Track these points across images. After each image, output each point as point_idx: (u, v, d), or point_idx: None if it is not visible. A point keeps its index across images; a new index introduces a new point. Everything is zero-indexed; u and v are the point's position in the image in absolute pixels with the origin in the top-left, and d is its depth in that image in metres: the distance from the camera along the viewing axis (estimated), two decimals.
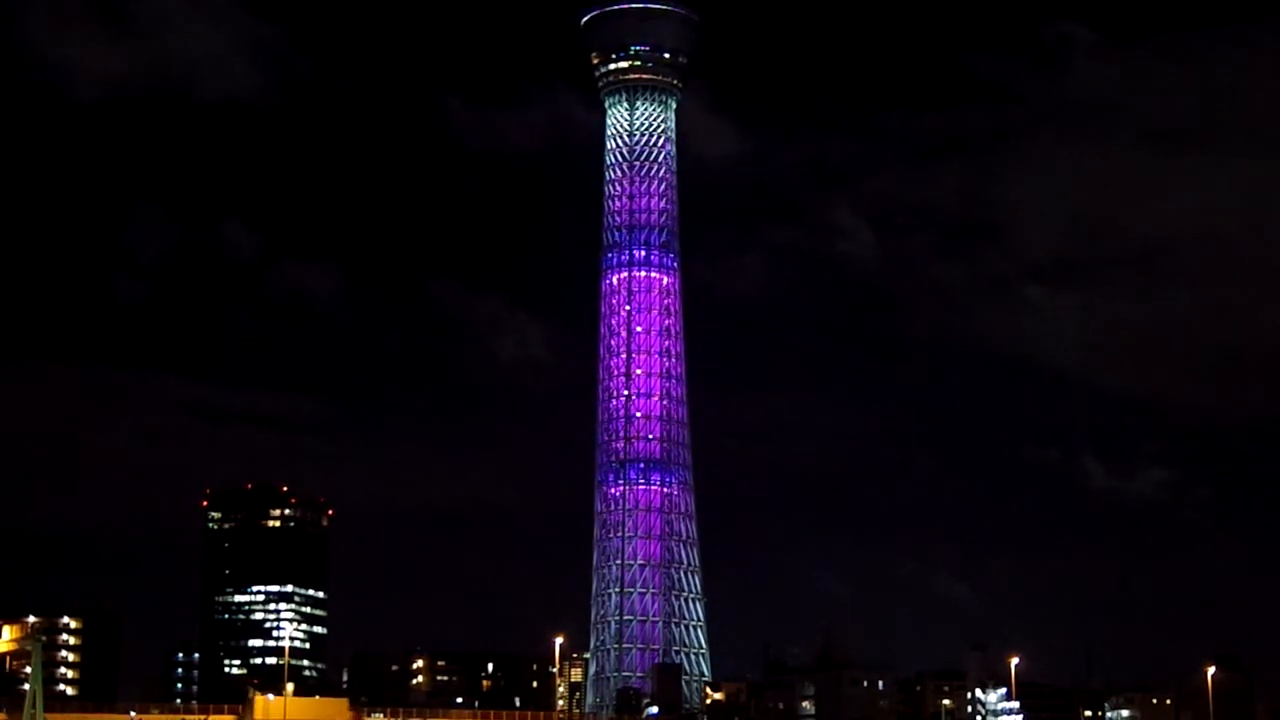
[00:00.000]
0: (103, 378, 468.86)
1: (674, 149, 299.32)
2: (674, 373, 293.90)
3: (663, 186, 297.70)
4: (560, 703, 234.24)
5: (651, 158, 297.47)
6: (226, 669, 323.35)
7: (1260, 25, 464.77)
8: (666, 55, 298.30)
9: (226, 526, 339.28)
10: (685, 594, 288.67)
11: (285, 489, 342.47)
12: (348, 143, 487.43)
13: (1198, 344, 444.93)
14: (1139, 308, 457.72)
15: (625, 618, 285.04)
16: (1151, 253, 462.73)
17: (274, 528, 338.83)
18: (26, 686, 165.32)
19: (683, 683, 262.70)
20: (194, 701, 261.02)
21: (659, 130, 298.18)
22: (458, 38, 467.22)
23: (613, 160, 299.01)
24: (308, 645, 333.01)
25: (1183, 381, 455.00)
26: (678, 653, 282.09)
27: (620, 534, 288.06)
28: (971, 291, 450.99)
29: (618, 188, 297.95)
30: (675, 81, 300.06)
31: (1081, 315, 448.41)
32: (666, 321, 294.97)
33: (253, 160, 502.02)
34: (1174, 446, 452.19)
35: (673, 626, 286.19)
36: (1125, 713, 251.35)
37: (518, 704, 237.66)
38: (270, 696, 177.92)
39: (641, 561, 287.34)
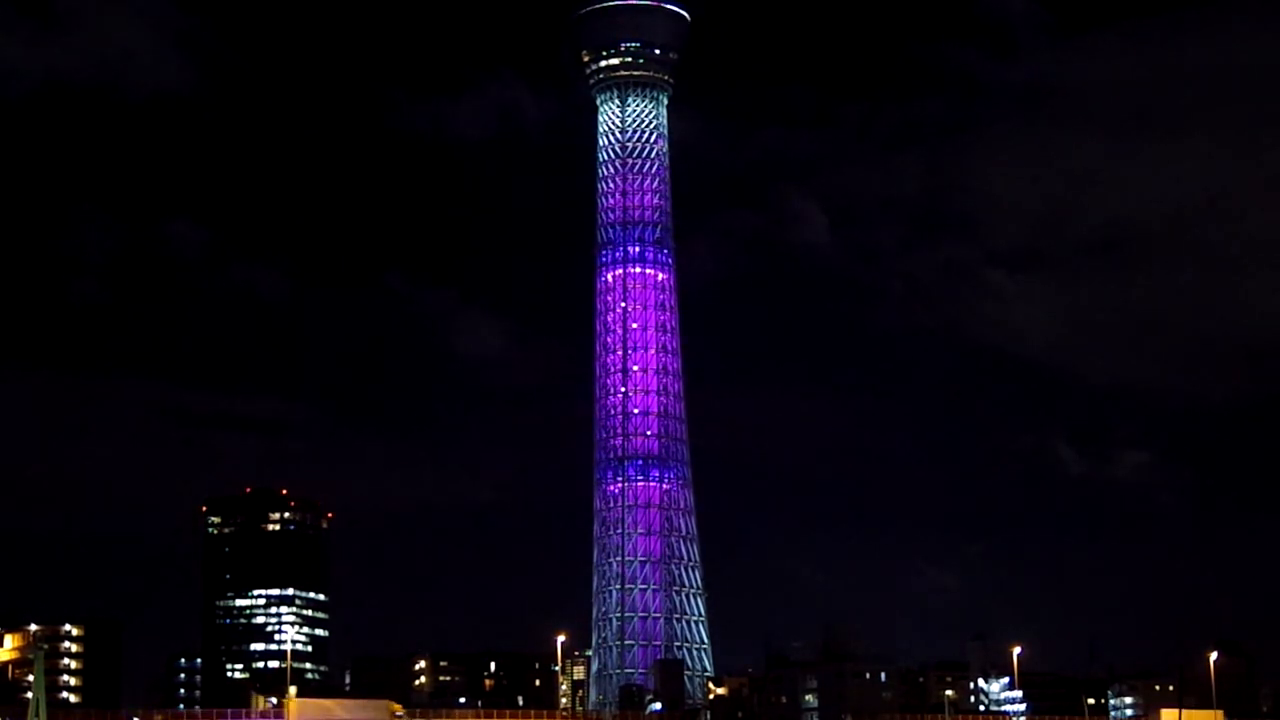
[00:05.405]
0: (74, 383, 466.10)
1: (666, 145, 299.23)
2: (671, 369, 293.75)
3: (656, 183, 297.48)
4: (563, 700, 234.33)
5: (644, 154, 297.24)
6: (228, 673, 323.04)
7: (1215, 9, 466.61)
8: (657, 51, 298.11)
9: (226, 531, 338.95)
10: (686, 589, 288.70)
11: (284, 492, 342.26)
12: (288, 136, 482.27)
13: (1168, 327, 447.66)
14: (1108, 292, 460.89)
15: (626, 614, 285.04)
16: (1119, 238, 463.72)
17: (274, 531, 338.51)
18: (29, 695, 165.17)
19: (685, 678, 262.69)
20: (197, 707, 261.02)
21: (651, 127, 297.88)
22: (396, 26, 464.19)
23: (605, 157, 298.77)
24: (310, 648, 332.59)
25: (1155, 365, 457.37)
26: (679, 648, 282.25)
27: (620, 530, 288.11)
28: (941, 281, 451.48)
29: (610, 184, 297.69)
30: (666, 78, 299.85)
31: (1052, 301, 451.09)
32: (662, 318, 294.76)
33: (192, 156, 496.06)
34: (1149, 430, 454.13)
35: (674, 622, 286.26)
36: (1129, 699, 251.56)
37: (520, 703, 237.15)
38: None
39: (642, 558, 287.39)
